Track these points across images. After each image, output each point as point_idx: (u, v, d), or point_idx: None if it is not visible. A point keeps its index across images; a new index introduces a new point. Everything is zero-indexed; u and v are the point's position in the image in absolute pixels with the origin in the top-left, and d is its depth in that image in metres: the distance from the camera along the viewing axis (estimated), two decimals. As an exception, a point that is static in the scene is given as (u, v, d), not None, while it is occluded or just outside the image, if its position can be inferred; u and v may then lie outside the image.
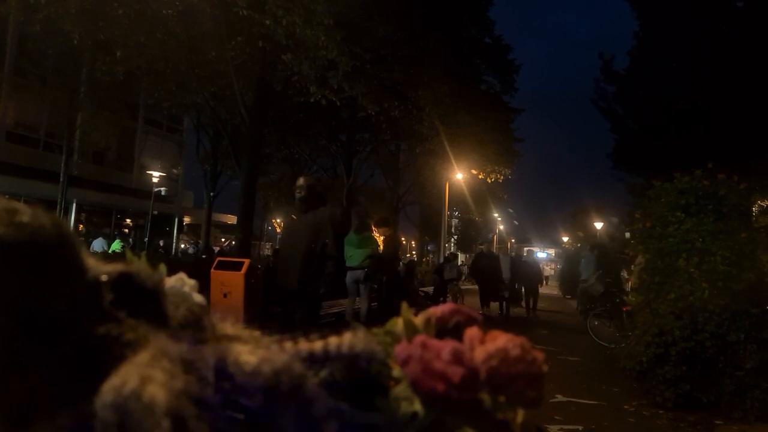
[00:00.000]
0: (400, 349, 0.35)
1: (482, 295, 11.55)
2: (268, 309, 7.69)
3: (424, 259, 29.74)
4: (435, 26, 13.80)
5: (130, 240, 24.46)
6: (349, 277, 7.63)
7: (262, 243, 35.51)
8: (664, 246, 5.53)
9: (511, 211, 49.51)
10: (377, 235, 8.42)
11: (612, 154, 18.85)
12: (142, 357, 0.29)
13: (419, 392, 0.33)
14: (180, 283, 0.42)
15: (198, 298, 0.41)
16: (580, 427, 4.24)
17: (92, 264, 0.34)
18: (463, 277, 15.83)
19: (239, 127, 15.13)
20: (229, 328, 0.37)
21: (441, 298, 12.41)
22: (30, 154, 20.15)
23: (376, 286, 7.57)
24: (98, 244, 16.80)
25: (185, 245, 25.85)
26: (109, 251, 15.51)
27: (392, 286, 7.80)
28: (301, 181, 4.51)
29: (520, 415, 0.34)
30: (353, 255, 7.66)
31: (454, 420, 0.33)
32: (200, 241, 23.99)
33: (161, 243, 25.37)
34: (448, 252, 21.35)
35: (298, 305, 4.20)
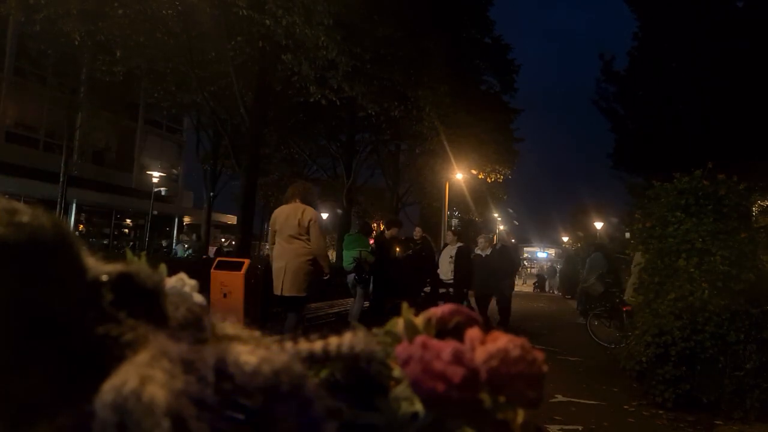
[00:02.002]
0: (401, 350, 0.35)
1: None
2: (268, 309, 7.72)
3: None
4: (435, 26, 13.80)
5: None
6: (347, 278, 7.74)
7: (262, 243, 35.50)
8: (664, 246, 5.53)
9: (511, 211, 49.49)
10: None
11: (612, 154, 18.89)
12: (142, 357, 0.29)
13: (419, 392, 0.33)
14: (180, 283, 0.42)
15: (198, 298, 0.41)
16: (580, 427, 4.24)
17: (92, 264, 0.34)
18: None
19: (239, 127, 15.14)
20: (229, 328, 0.37)
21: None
22: (30, 154, 20.15)
23: (361, 287, 7.45)
24: (180, 250, 18.53)
25: (186, 246, 25.90)
26: (185, 255, 17.27)
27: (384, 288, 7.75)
28: None
29: (520, 415, 0.34)
30: (344, 257, 7.75)
31: (454, 420, 0.33)
32: (199, 241, 23.99)
33: (164, 243, 25.43)
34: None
35: None
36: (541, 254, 73.68)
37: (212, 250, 22.63)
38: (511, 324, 9.13)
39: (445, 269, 8.77)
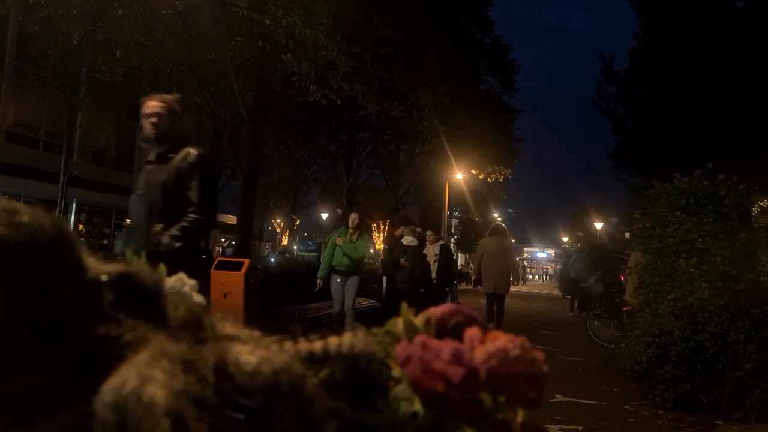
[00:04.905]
0: (400, 349, 0.35)
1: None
2: (268, 309, 7.71)
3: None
4: (435, 26, 13.79)
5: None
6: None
7: (262, 243, 35.52)
8: (664, 246, 5.53)
9: (511, 211, 49.50)
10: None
11: (612, 154, 18.87)
12: (142, 357, 0.29)
13: (419, 392, 0.33)
14: (180, 283, 0.42)
15: (198, 298, 0.41)
16: (580, 427, 4.24)
17: (92, 264, 0.34)
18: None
19: (239, 127, 15.12)
20: (229, 328, 0.37)
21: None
22: (30, 154, 20.14)
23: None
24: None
25: None
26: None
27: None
28: None
29: (520, 415, 0.34)
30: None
31: (454, 420, 0.33)
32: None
33: None
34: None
35: None
36: (541, 254, 73.79)
37: (217, 251, 22.54)
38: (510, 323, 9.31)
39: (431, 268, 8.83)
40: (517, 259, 54.91)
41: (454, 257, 9.34)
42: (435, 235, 9.16)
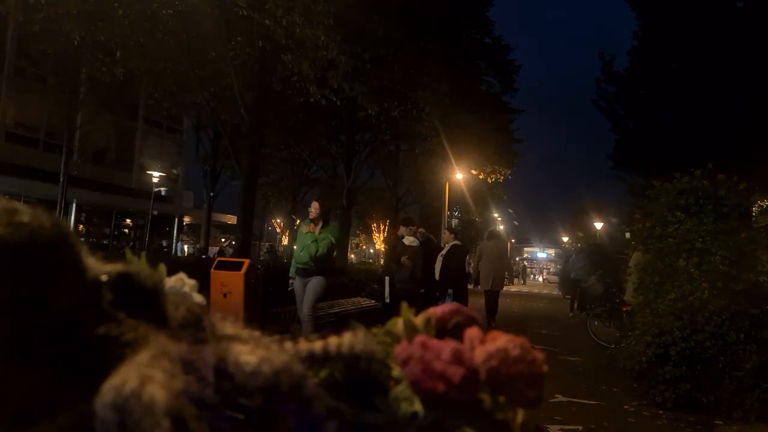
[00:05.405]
0: (400, 349, 0.35)
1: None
2: (268, 309, 7.71)
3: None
4: (435, 26, 13.79)
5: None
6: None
7: (262, 243, 35.52)
8: (664, 246, 5.54)
9: (511, 211, 49.62)
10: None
11: (612, 154, 18.86)
12: (142, 357, 0.29)
13: (419, 392, 0.33)
14: (180, 283, 0.42)
15: (198, 298, 0.41)
16: (580, 427, 4.24)
17: (92, 264, 0.34)
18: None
19: (239, 127, 15.12)
20: (229, 328, 0.37)
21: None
22: (30, 154, 20.14)
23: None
24: (186, 247, 20.05)
25: (187, 246, 25.85)
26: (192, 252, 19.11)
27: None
28: None
29: (520, 415, 0.34)
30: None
31: (454, 420, 0.33)
32: (200, 242, 23.99)
33: (164, 243, 25.44)
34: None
35: None
36: (541, 254, 73.97)
37: (213, 250, 22.63)
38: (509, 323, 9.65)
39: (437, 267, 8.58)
40: (518, 259, 55.10)
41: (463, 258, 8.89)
42: (448, 235, 9.29)
